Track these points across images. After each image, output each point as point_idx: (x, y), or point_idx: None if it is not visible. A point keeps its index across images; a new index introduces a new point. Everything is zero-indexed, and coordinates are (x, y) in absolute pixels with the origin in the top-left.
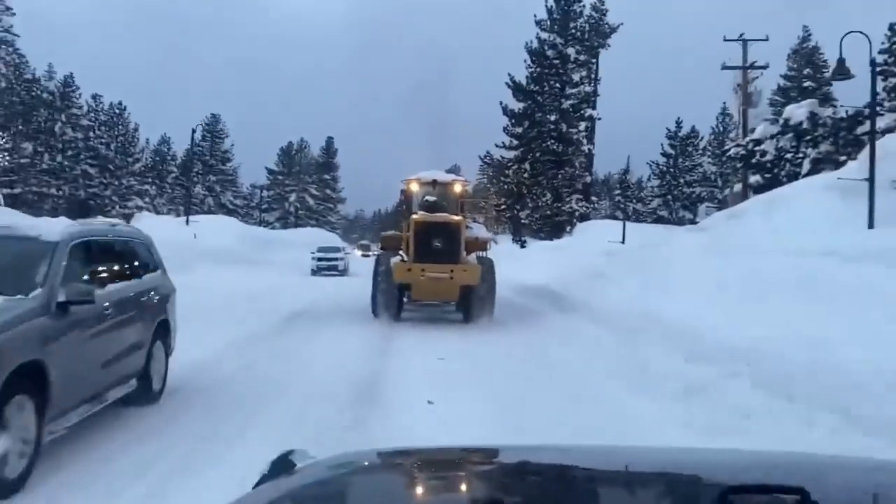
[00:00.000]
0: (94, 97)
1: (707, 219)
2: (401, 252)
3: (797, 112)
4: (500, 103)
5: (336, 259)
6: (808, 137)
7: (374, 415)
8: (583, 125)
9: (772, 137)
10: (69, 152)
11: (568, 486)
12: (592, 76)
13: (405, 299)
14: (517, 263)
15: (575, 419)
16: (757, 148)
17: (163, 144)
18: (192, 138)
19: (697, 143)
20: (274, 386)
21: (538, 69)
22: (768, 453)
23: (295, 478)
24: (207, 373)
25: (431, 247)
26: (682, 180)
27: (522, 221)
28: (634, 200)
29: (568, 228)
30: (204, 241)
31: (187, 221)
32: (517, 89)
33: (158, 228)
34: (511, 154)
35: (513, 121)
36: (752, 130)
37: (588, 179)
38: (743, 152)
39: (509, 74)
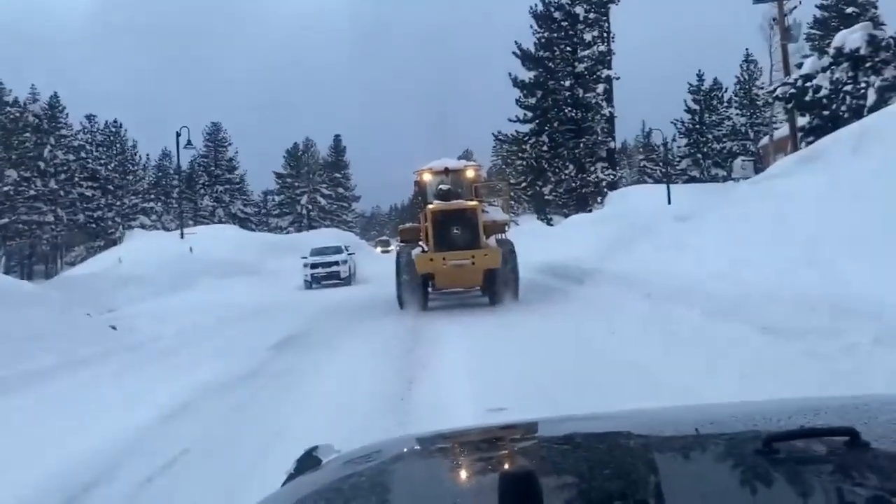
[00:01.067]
0: (89, 117)
1: (772, 167)
2: (420, 243)
3: (851, 38)
4: (510, 75)
5: (336, 263)
6: (869, 64)
7: None
8: (601, 87)
9: (824, 70)
10: (62, 176)
11: (611, 452)
12: (605, 34)
13: (429, 289)
14: (553, 243)
15: None
16: (808, 84)
17: (164, 159)
18: (178, 143)
19: (721, 95)
20: None
21: (546, 34)
22: (814, 399)
23: (322, 473)
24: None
25: (450, 234)
26: (710, 136)
27: (546, 197)
28: (661, 163)
29: (599, 199)
30: (202, 253)
31: (182, 235)
32: (526, 58)
33: (151, 245)
34: (527, 128)
35: (524, 92)
36: (800, 65)
37: (612, 145)
38: (792, 91)
39: (516, 42)
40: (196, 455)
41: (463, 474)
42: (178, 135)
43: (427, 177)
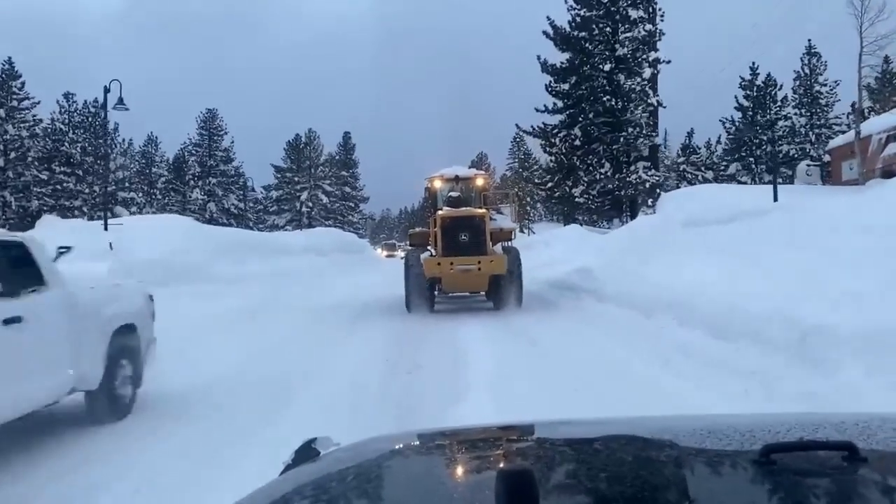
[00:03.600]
0: (67, 96)
1: None
2: (429, 248)
3: None
4: (538, 58)
5: None
6: None
7: None
8: (647, 72)
9: None
10: (11, 154)
11: (609, 457)
12: (652, 11)
13: (436, 292)
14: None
15: None
16: None
17: (149, 145)
18: (106, 100)
19: (774, 93)
20: None
21: (583, 11)
22: (811, 414)
23: (319, 465)
24: None
25: (458, 240)
26: (763, 138)
27: (576, 200)
28: (703, 168)
29: (650, 202)
30: (127, 252)
31: (105, 226)
32: (559, 37)
33: (62, 238)
34: (556, 119)
35: (554, 78)
36: None
37: (656, 140)
38: None
39: (548, 19)
40: None
41: (460, 470)
42: (107, 90)
43: (438, 183)
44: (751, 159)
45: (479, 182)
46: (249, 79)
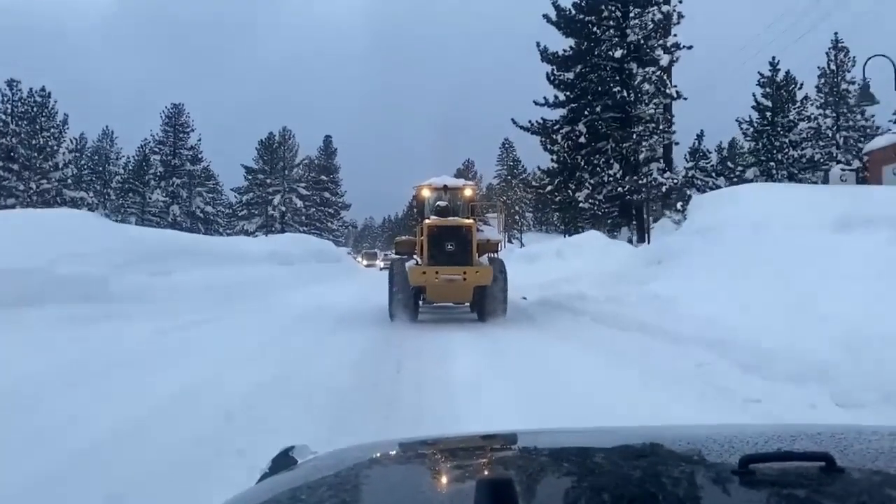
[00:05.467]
0: (10, 83)
1: None
2: (415, 256)
3: None
4: (538, 45)
5: None
6: None
7: None
8: (665, 58)
9: None
10: None
11: (588, 467)
12: None
13: (420, 301)
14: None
15: None
16: None
17: (104, 139)
18: None
19: (793, 91)
20: None
21: None
22: (789, 425)
23: (297, 473)
24: None
25: (444, 250)
26: (786, 140)
27: (581, 205)
28: (713, 174)
29: (679, 205)
30: None
31: None
32: (563, 21)
33: None
34: (558, 113)
35: (556, 66)
36: None
37: (672, 137)
38: None
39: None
40: None
41: (439, 480)
42: None
43: (426, 192)
44: (771, 164)
45: (467, 192)
46: (231, 81)
